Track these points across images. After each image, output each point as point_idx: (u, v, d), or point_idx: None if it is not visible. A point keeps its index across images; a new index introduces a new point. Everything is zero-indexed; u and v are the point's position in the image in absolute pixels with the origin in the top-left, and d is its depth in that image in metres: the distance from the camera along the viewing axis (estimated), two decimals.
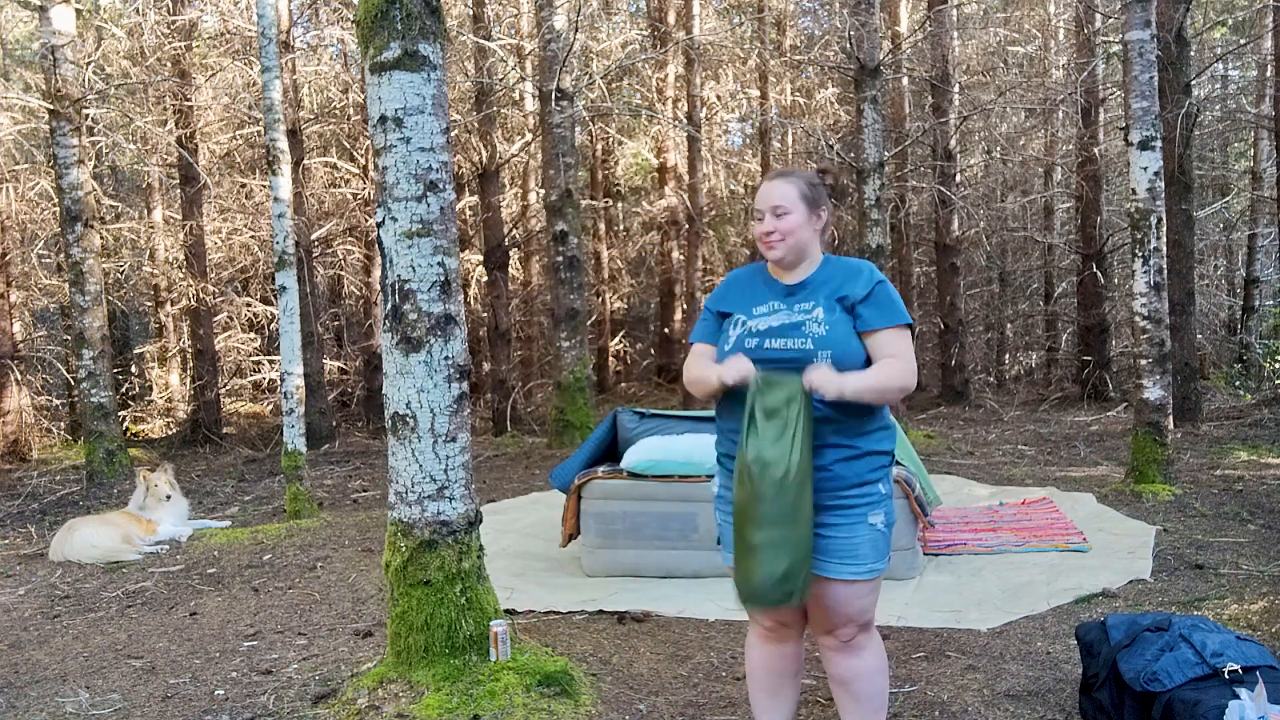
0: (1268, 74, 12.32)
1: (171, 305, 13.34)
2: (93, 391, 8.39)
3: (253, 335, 13.00)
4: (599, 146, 15.48)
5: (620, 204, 16.85)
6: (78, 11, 9.02)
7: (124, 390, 13.13)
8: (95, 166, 11.70)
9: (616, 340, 16.45)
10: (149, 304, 14.39)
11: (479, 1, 11.67)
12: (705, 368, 2.54)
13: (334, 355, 13.96)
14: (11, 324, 10.91)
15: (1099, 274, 11.69)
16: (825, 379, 2.33)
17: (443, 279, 3.23)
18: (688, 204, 13.83)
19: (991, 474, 7.14)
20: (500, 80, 11.78)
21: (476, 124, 11.34)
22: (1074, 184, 12.93)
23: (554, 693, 3.13)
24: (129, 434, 11.93)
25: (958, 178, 12.29)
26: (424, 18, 3.20)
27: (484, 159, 11.30)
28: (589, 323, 11.96)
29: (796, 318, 2.50)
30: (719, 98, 14.98)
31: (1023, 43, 15.31)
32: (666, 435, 4.96)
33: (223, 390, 12.75)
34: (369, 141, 5.99)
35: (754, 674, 2.69)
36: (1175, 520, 5.39)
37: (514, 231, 12.46)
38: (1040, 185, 15.44)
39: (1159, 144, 6.01)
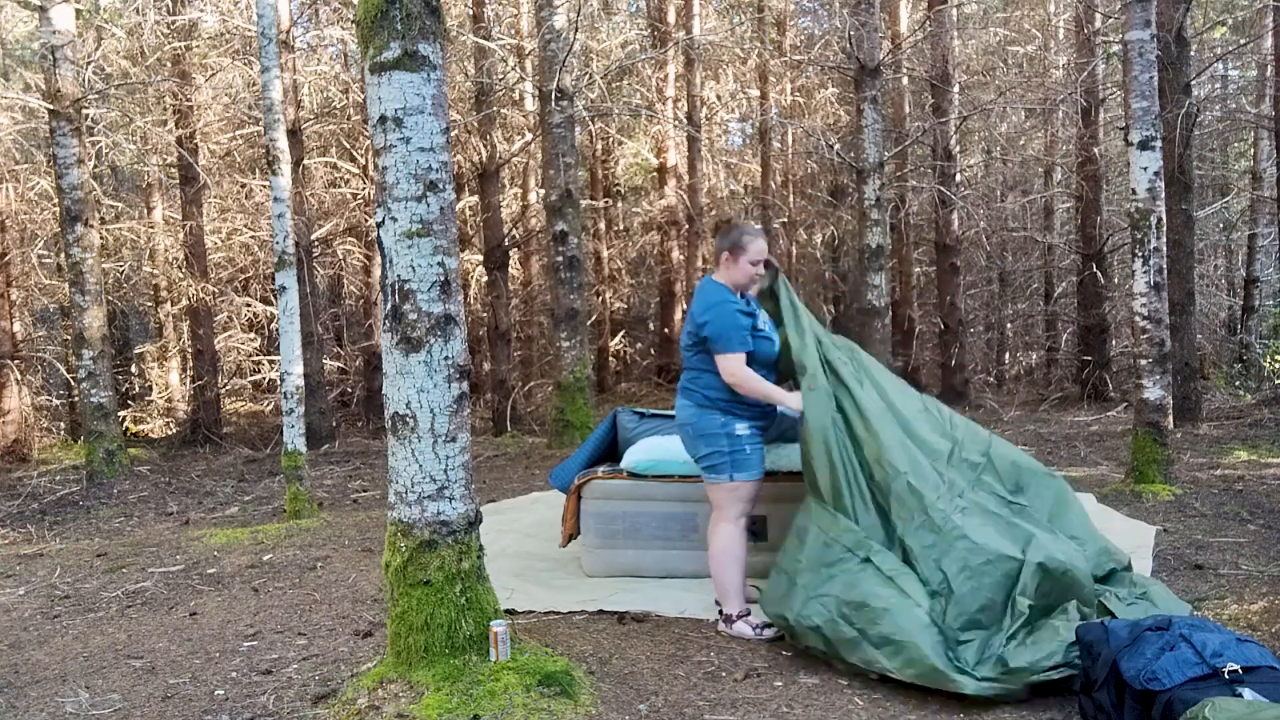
0: (1268, 74, 12.32)
1: (171, 305, 13.34)
2: (93, 391, 8.40)
3: (253, 335, 13.00)
4: (599, 146, 15.48)
5: (620, 204, 16.85)
6: (78, 11, 9.02)
7: (124, 390, 13.13)
8: (95, 166, 11.70)
9: (616, 340, 16.45)
10: (149, 304, 14.39)
11: (479, 1, 11.67)
12: (771, 388, 3.84)
13: (334, 355, 13.96)
14: (12, 324, 10.91)
15: (1099, 274, 11.68)
16: None
17: (443, 279, 3.23)
18: (687, 204, 13.83)
19: None
20: (500, 80, 11.77)
21: (476, 124, 11.33)
22: (1074, 184, 12.92)
23: (554, 693, 3.13)
24: (129, 434, 11.93)
25: (958, 178, 12.28)
26: (424, 18, 3.20)
27: (484, 159, 11.30)
28: (589, 323, 11.96)
29: (766, 320, 4.02)
30: (719, 98, 14.98)
31: (1023, 43, 15.31)
32: (666, 435, 4.96)
33: (223, 390, 12.75)
34: (369, 141, 5.99)
35: (739, 556, 3.88)
36: (1175, 520, 5.39)
37: (514, 231, 12.46)
38: (1040, 185, 15.44)
39: (1159, 144, 6.01)
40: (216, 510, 7.18)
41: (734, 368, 3.78)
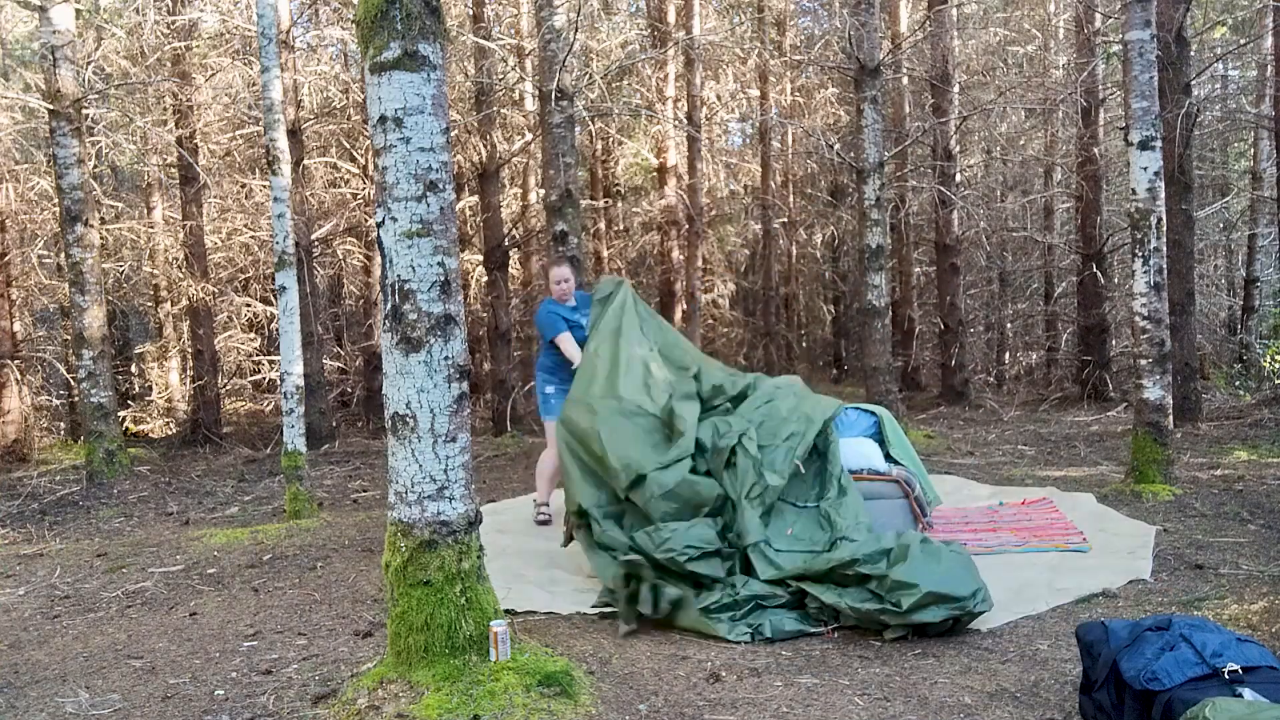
0: (1268, 74, 12.32)
1: (172, 305, 13.34)
2: (93, 391, 8.39)
3: (253, 335, 13.00)
4: (599, 146, 15.47)
5: (620, 204, 16.84)
6: (78, 11, 9.02)
7: (124, 390, 13.12)
8: (95, 166, 11.70)
9: None
10: (149, 304, 14.39)
11: (479, 1, 11.66)
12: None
13: (334, 355, 13.96)
14: (12, 324, 10.91)
15: (1099, 274, 11.68)
16: None
17: (443, 279, 3.23)
18: (687, 204, 13.83)
19: (991, 474, 7.15)
20: (500, 80, 11.77)
21: (476, 124, 11.33)
22: (1074, 184, 12.93)
23: (554, 693, 3.13)
24: (129, 434, 11.93)
25: (958, 178, 12.29)
26: (424, 18, 3.20)
27: (484, 159, 11.29)
28: None
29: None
30: (719, 98, 14.97)
31: (1023, 43, 15.31)
32: None
33: (223, 390, 12.75)
34: (369, 141, 6.00)
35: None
36: (1175, 520, 5.39)
37: (514, 231, 12.46)
38: (1040, 185, 15.44)
39: (1159, 144, 6.01)
40: (216, 510, 7.18)
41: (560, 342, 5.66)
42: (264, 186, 11.30)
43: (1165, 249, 6.17)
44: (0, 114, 10.68)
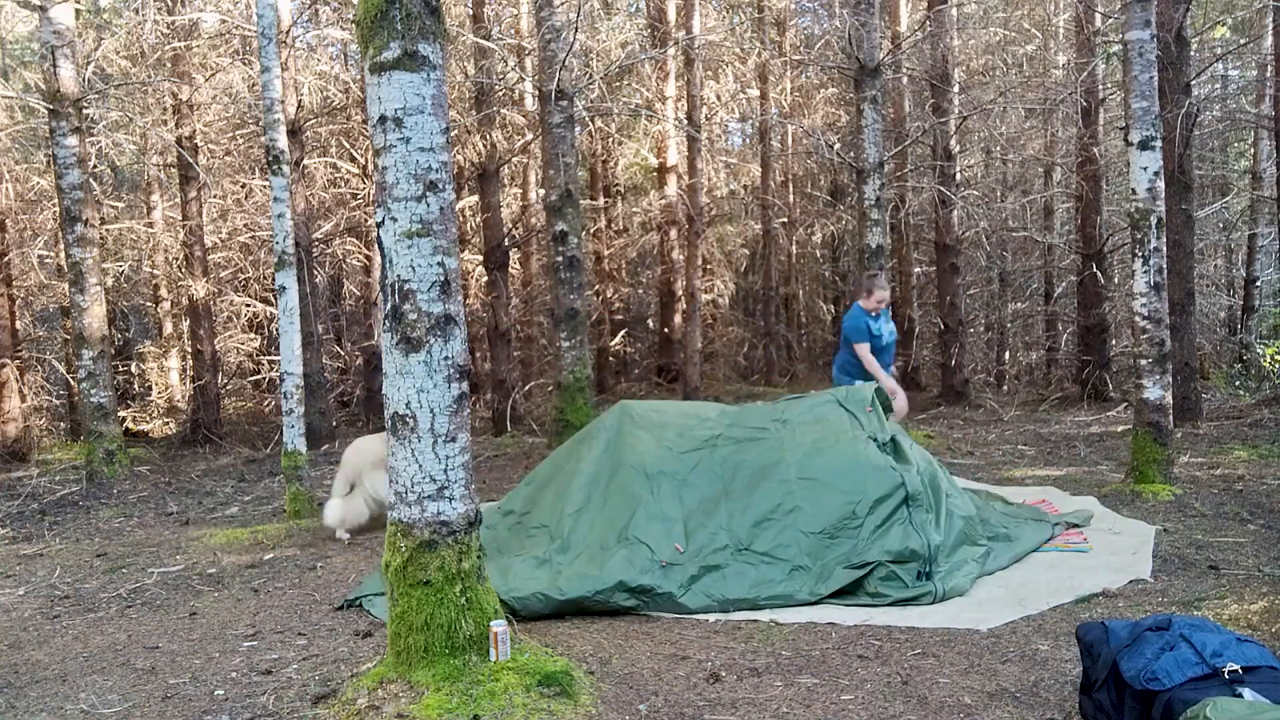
0: (1268, 74, 12.31)
1: (172, 305, 13.33)
2: (93, 391, 8.39)
3: (253, 335, 13.00)
4: (599, 146, 15.46)
5: (620, 204, 16.84)
6: (77, 11, 9.02)
7: (124, 390, 13.12)
8: (95, 166, 11.70)
9: (616, 340, 16.44)
10: (149, 303, 14.38)
11: (479, 1, 11.66)
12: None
13: (334, 355, 13.95)
14: (12, 323, 10.91)
15: (1099, 274, 11.68)
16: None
17: (443, 279, 3.23)
18: (687, 203, 13.83)
19: (991, 474, 7.14)
20: (500, 80, 11.77)
21: (476, 124, 11.33)
22: (1074, 184, 12.92)
23: (554, 693, 3.13)
24: (129, 434, 11.93)
25: (958, 178, 12.28)
26: (424, 18, 3.20)
27: (484, 158, 11.29)
28: (589, 322, 11.94)
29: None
30: (719, 98, 14.97)
31: (1022, 42, 15.31)
32: None
33: (223, 390, 12.75)
34: (369, 141, 6.00)
35: None
36: (1175, 520, 5.38)
37: (514, 231, 12.46)
38: (1040, 185, 15.44)
39: (1159, 144, 6.01)
40: (216, 510, 7.18)
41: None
42: (264, 186, 11.29)
43: (1165, 249, 6.17)
44: (0, 113, 10.68)
